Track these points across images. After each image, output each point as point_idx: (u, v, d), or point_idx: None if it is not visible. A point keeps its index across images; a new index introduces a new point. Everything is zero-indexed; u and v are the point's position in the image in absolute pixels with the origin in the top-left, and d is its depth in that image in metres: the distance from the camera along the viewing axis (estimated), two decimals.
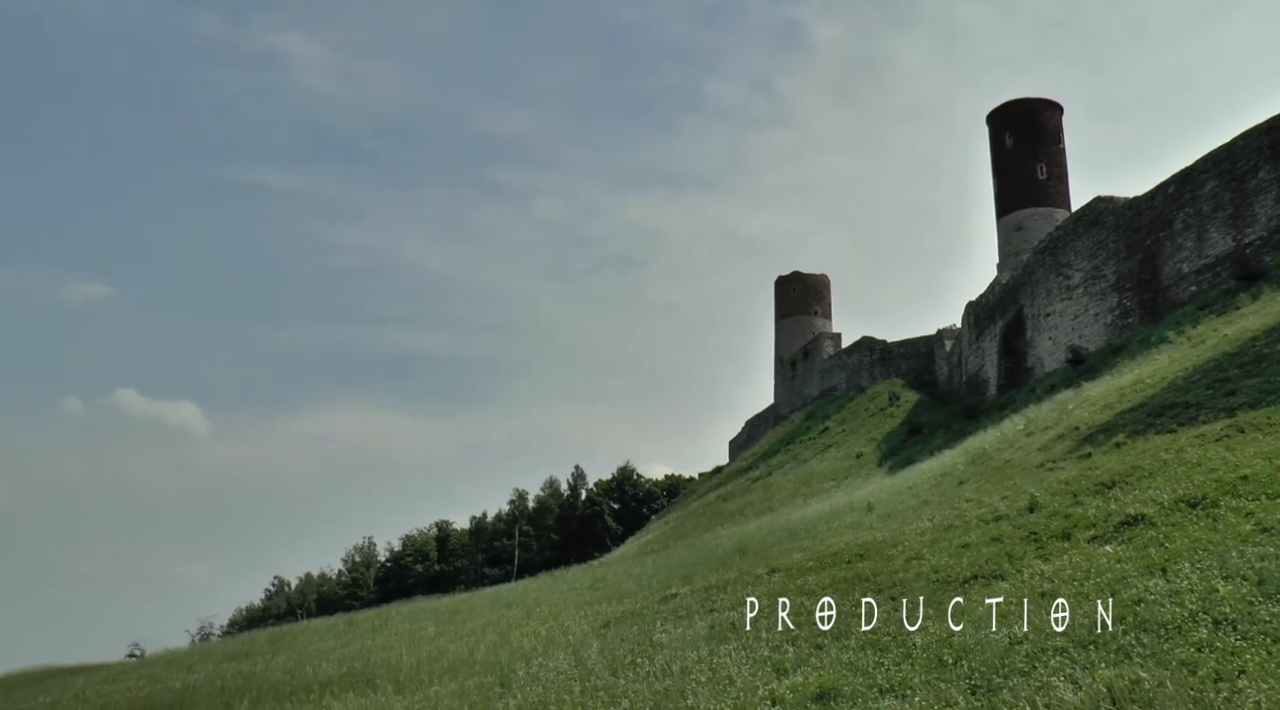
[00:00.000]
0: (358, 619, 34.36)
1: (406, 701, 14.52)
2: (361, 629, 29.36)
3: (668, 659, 13.96)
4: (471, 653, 18.50)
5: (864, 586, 16.18)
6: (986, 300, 54.17)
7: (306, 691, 17.56)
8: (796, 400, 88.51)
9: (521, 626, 21.56)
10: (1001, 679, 9.52)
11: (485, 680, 15.04)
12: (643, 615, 19.36)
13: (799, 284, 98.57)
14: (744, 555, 24.58)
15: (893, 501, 25.81)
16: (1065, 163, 69.16)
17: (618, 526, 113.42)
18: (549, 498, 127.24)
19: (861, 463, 53.38)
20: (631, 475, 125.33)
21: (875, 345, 77.73)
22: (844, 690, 10.47)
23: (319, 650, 24.90)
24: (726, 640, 14.70)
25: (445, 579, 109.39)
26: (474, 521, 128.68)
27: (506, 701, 12.97)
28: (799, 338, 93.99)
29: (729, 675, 12.27)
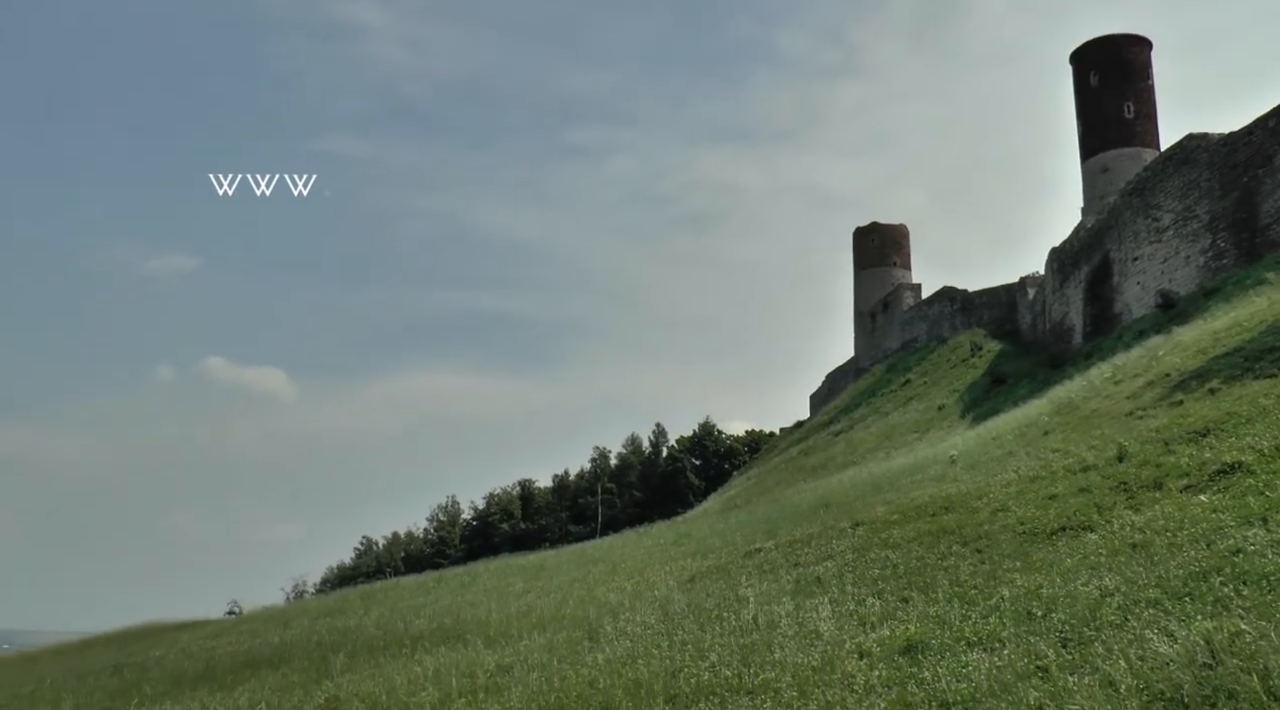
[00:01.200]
0: (446, 576, 35.11)
1: (497, 655, 14.84)
2: (450, 585, 30.01)
3: (754, 613, 14.05)
4: (559, 608, 18.81)
5: (949, 539, 16.08)
6: (1071, 246, 52.86)
7: (399, 646, 18.04)
8: (877, 353, 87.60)
9: (607, 582, 21.85)
10: (1093, 631, 9.42)
11: (574, 634, 15.30)
12: (728, 570, 19.49)
13: (877, 235, 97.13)
14: (827, 509, 24.55)
15: (977, 453, 25.51)
16: (1154, 100, 66.70)
17: (700, 483, 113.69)
18: (631, 455, 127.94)
19: (944, 415, 52.75)
20: (712, 431, 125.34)
21: (956, 295, 76.40)
22: (931, 643, 10.45)
23: (410, 606, 25.53)
24: (812, 594, 14.74)
25: (530, 536, 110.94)
26: (556, 479, 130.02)
27: (595, 655, 13.18)
28: (878, 290, 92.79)
29: (815, 629, 12.31)
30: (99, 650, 39.40)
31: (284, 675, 17.74)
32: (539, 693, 11.54)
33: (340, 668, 16.96)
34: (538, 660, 13.68)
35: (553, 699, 11.04)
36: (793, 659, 10.95)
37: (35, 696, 24.02)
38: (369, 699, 13.34)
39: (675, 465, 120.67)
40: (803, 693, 9.67)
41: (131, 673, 24.60)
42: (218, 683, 18.98)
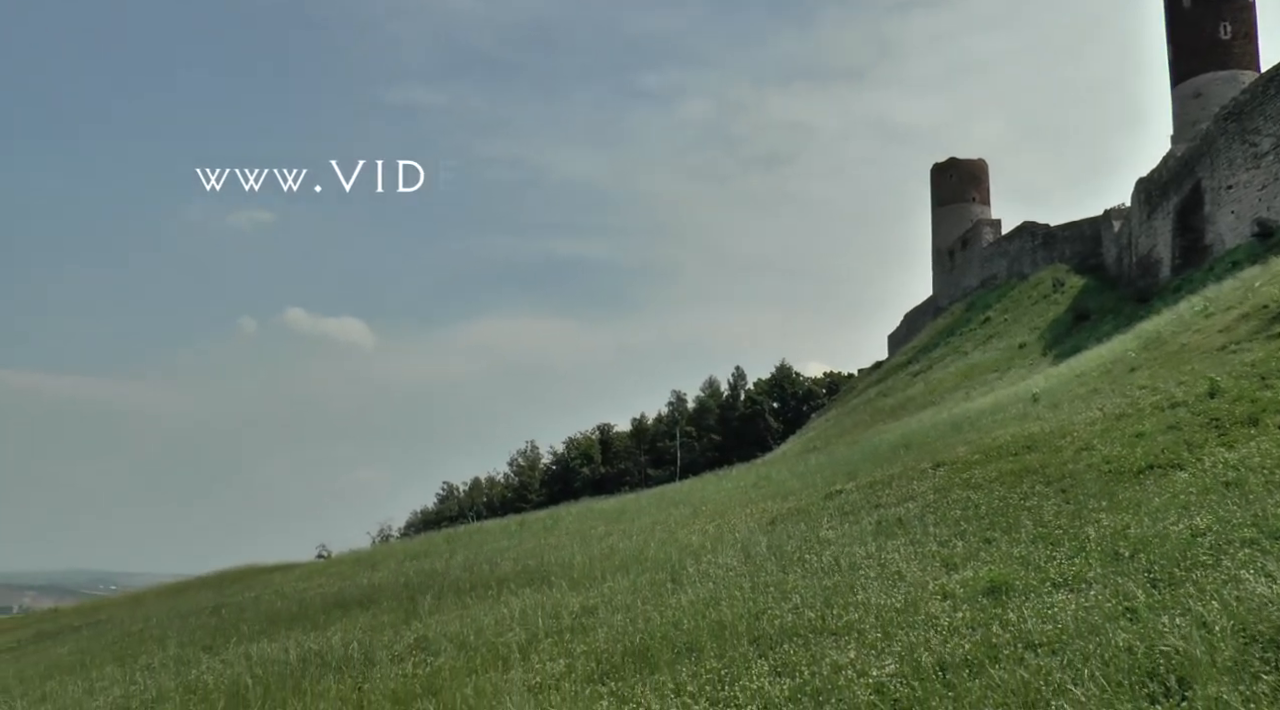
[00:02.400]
0: (529, 520, 35.68)
1: (581, 597, 15.09)
2: (533, 529, 30.48)
3: (835, 555, 14.07)
4: (641, 550, 19.02)
5: (1032, 479, 15.91)
6: (1159, 175, 51.20)
7: (485, 587, 18.42)
8: (956, 291, 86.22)
9: (688, 525, 22.02)
10: (1184, 572, 9.28)
11: (657, 576, 15.48)
12: (808, 512, 19.51)
13: (955, 171, 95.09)
14: (907, 450, 24.39)
15: (1059, 391, 25.10)
16: (1254, 19, 63.60)
17: (778, 425, 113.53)
18: (708, 399, 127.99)
19: (1025, 353, 51.88)
20: (790, 374, 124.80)
21: (1037, 230, 74.63)
22: (1015, 584, 10.39)
23: (494, 549, 26.02)
24: (893, 535, 14.71)
25: (610, 480, 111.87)
26: (635, 423, 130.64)
27: (679, 597, 13.34)
28: (957, 227, 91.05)
29: (898, 570, 12.31)
30: (197, 592, 40.96)
31: (374, 615, 18.25)
32: (624, 633, 11.73)
33: (428, 608, 17.39)
34: (622, 602, 13.89)
35: (638, 640, 11.22)
36: (876, 600, 10.97)
37: (143, 635, 25.11)
38: (457, 639, 13.68)
39: (754, 408, 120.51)
40: (887, 634, 9.70)
41: (229, 613, 25.53)
42: (310, 622, 19.60)
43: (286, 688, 12.88)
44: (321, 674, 13.33)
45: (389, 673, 12.59)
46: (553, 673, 10.79)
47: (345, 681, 12.57)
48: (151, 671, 17.26)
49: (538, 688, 10.34)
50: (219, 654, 17.62)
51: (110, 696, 15.34)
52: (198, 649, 19.19)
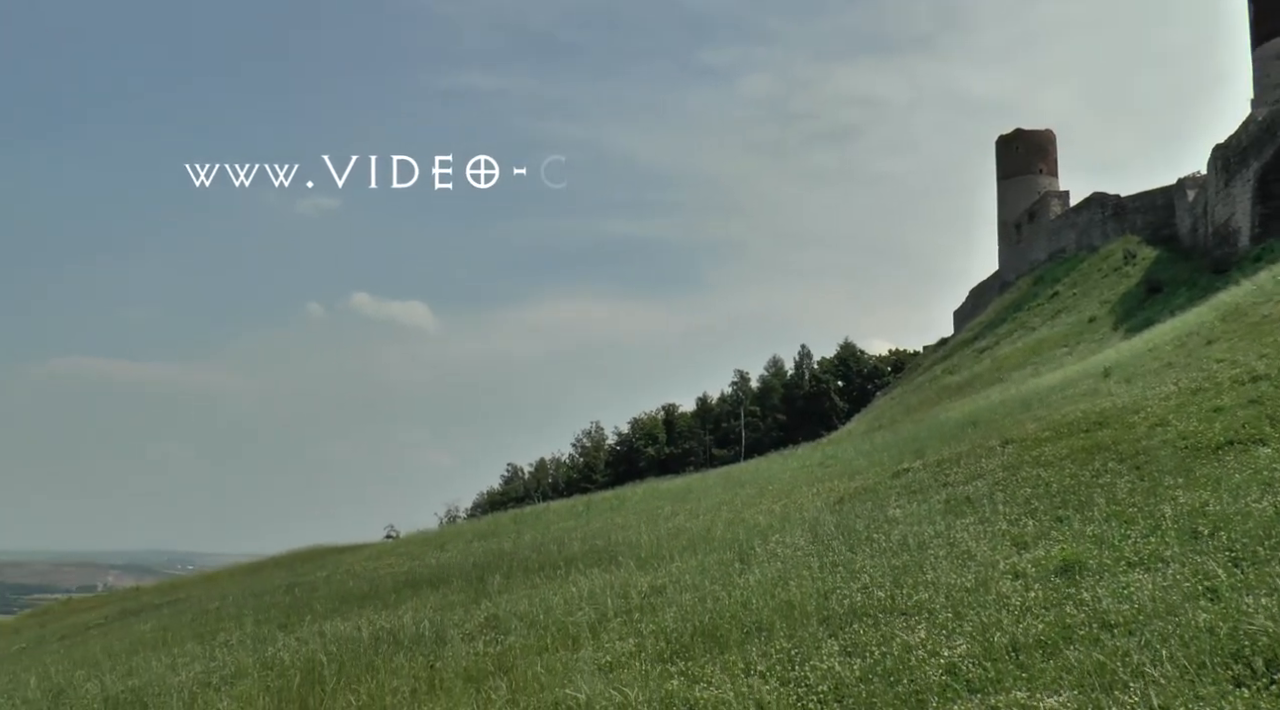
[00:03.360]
0: (595, 500, 35.84)
1: (650, 576, 15.14)
2: (599, 509, 30.64)
3: (904, 534, 13.97)
4: (709, 530, 19.04)
5: (1105, 456, 15.64)
6: (1238, 141, 49.75)
7: (553, 567, 18.56)
8: (1022, 265, 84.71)
9: (755, 504, 21.98)
10: (1269, 551, 9.07)
11: (724, 556, 15.49)
12: (876, 491, 19.39)
13: (1021, 142, 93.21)
14: (975, 428, 24.10)
15: (1132, 365, 24.61)
16: None
17: (843, 404, 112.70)
18: (773, 378, 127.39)
19: (1095, 327, 50.89)
20: (855, 352, 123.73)
21: (1107, 201, 72.95)
22: (1089, 564, 10.24)
23: (561, 529, 26.21)
24: (962, 514, 14.57)
25: (675, 460, 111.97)
26: (699, 403, 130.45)
27: (747, 576, 13.34)
28: (1023, 199, 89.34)
29: (967, 549, 12.18)
30: (270, 571, 41.81)
31: (444, 595, 18.48)
32: (693, 613, 11.77)
33: (497, 588, 17.57)
34: (690, 581, 13.93)
35: (706, 619, 11.25)
36: (945, 580, 10.88)
37: (220, 613, 25.71)
38: (527, 618, 13.82)
39: (819, 387, 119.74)
40: (957, 614, 9.62)
41: (302, 591, 26.03)
42: (382, 601, 19.91)
43: (360, 665, 13.11)
44: (394, 652, 13.55)
45: (460, 651, 12.76)
46: (623, 652, 10.86)
47: (417, 659, 12.77)
48: (230, 648, 17.68)
49: (608, 666, 10.42)
50: (294, 631, 17.97)
51: (192, 672, 15.74)
52: (273, 626, 19.59)
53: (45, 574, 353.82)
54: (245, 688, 13.39)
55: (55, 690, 16.58)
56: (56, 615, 47.78)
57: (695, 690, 8.92)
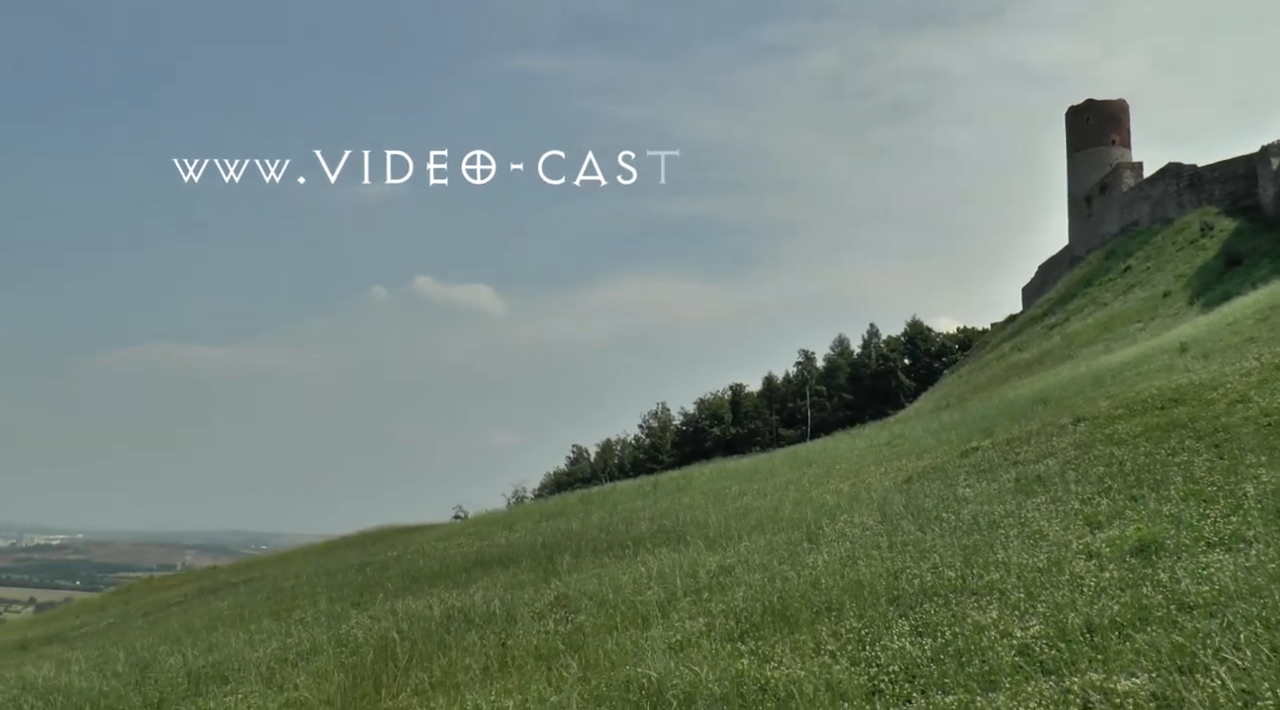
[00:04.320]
0: (662, 480, 35.90)
1: (718, 556, 15.18)
2: (666, 489, 30.70)
3: (974, 513, 13.85)
4: (776, 510, 19.01)
5: (1182, 433, 15.33)
6: None
7: (621, 547, 18.66)
8: (1094, 239, 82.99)
9: (822, 484, 21.90)
10: None
11: (793, 536, 15.46)
12: (944, 470, 19.21)
13: (1093, 113, 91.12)
14: (1045, 405, 23.76)
15: (1210, 340, 24.06)
16: None
17: (910, 382, 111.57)
18: (838, 357, 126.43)
19: (1170, 301, 49.78)
20: (922, 330, 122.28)
21: (1183, 171, 71.06)
22: (1166, 544, 10.07)
23: (628, 509, 26.32)
24: (1034, 493, 14.39)
25: (741, 440, 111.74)
26: (765, 382, 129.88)
27: (815, 556, 13.32)
28: (1095, 172, 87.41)
29: (1039, 529, 12.05)
30: (342, 551, 42.56)
31: (514, 574, 18.69)
32: (762, 592, 11.78)
33: (566, 567, 17.72)
34: (758, 561, 13.94)
35: (775, 599, 11.26)
36: (1017, 560, 10.78)
37: (295, 591, 26.26)
38: (596, 597, 13.93)
39: (885, 366, 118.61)
40: (1030, 594, 9.52)
41: (373, 570, 26.46)
42: (452, 580, 20.17)
43: (432, 642, 13.33)
44: (465, 630, 13.75)
45: (531, 629, 12.91)
46: (692, 631, 10.92)
47: (489, 637, 12.95)
48: (305, 625, 18.06)
49: (678, 645, 10.48)
50: (366, 609, 18.29)
51: (269, 648, 16.12)
52: (347, 605, 19.96)
53: (127, 553, 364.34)
54: (320, 664, 13.69)
55: (142, 664, 17.09)
56: (139, 593, 49.11)
57: (766, 669, 8.95)
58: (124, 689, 14.81)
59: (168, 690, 14.20)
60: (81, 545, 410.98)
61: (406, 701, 10.88)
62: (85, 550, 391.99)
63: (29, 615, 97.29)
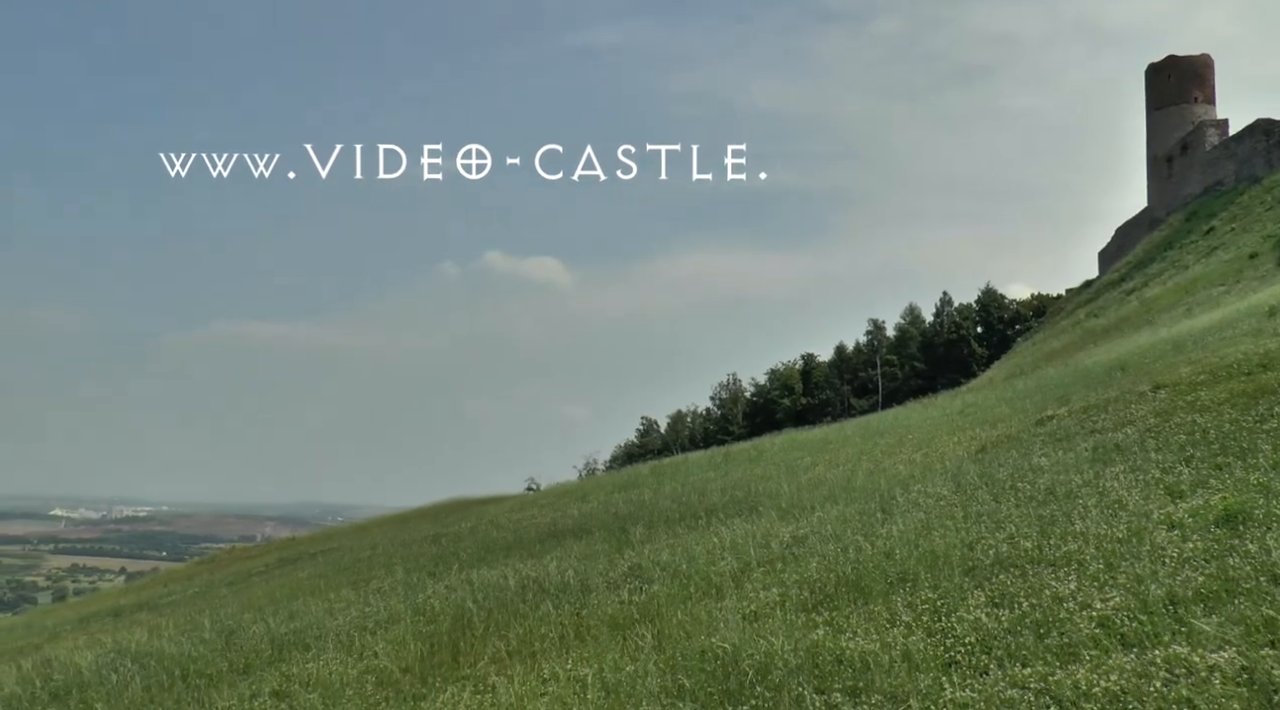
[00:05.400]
0: (733, 451, 35.88)
1: (791, 526, 15.16)
2: (738, 460, 30.68)
3: (1050, 482, 13.64)
4: (849, 480, 18.91)
5: (1270, 400, 14.91)
6: None
7: (694, 518, 18.71)
8: (1174, 200, 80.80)
9: (895, 454, 21.73)
10: None
11: (866, 506, 15.37)
12: (1019, 439, 18.94)
13: (1174, 69, 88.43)
14: (1123, 372, 23.28)
15: None
16: None
17: (983, 351, 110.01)
18: (909, 326, 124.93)
19: (1256, 264, 48.30)
20: (995, 297, 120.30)
21: (1273, 127, 68.67)
22: (1254, 514, 9.83)
23: (700, 480, 26.36)
24: (1112, 462, 14.12)
25: (812, 411, 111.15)
26: (836, 352, 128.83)
27: (889, 526, 13.24)
28: (1176, 130, 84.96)
29: (1118, 499, 11.82)
30: (416, 522, 43.27)
31: (587, 545, 18.84)
32: (835, 563, 11.75)
33: (639, 538, 17.83)
34: (832, 531, 13.89)
35: (849, 570, 11.22)
36: (1095, 530, 10.60)
37: (372, 561, 26.81)
38: (669, 568, 14.01)
39: (957, 334, 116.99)
40: (1109, 565, 9.38)
41: (448, 542, 26.89)
42: (526, 551, 20.42)
43: (508, 612, 13.52)
44: (540, 600, 13.92)
45: (605, 600, 13.03)
46: (767, 601, 10.94)
47: (564, 607, 13.10)
48: (382, 594, 18.43)
49: (752, 616, 10.51)
50: (442, 579, 18.59)
51: (348, 616, 16.49)
52: (423, 574, 20.30)
53: (209, 525, 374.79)
54: (399, 632, 13.97)
55: (227, 631, 17.59)
56: (223, 563, 50.49)
57: (841, 640, 8.95)
58: (212, 654, 15.27)
59: (252, 656, 14.62)
60: (166, 517, 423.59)
61: (484, 670, 11.06)
62: (170, 522, 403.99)
63: (120, 584, 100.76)
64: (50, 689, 15.21)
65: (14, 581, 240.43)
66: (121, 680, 14.49)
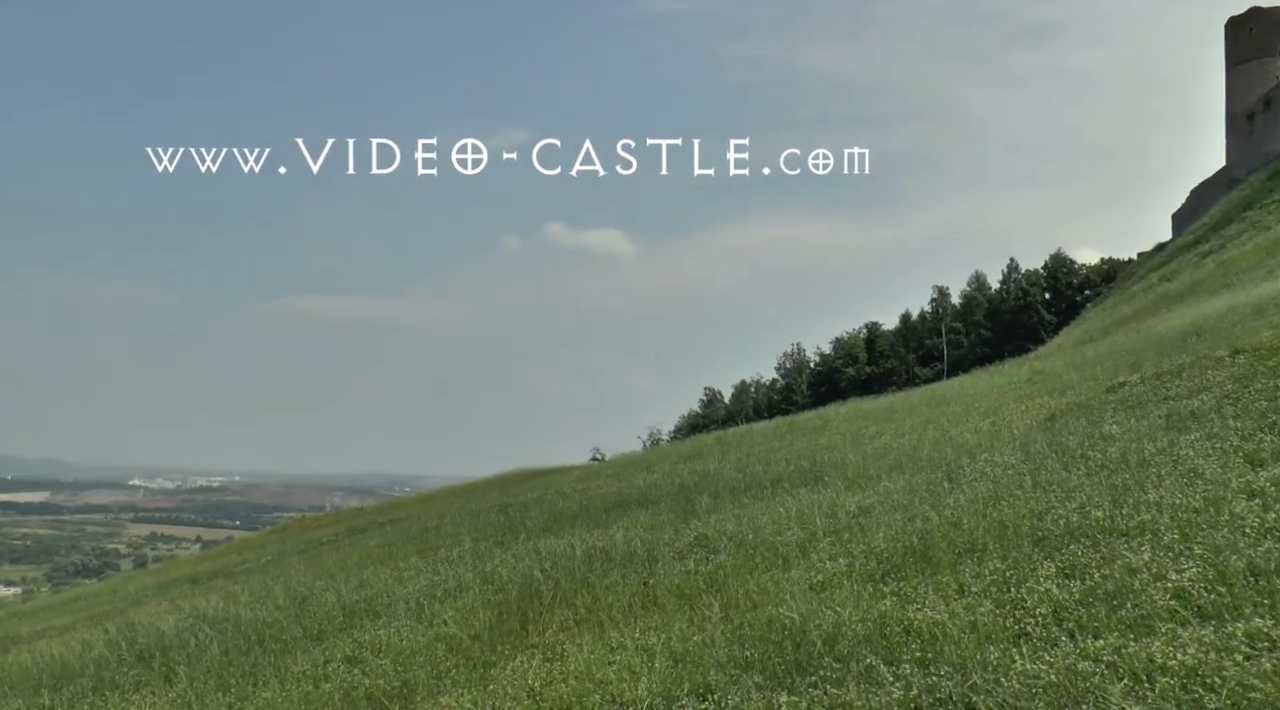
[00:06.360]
0: (798, 421, 35.77)
1: (857, 496, 15.08)
2: (802, 430, 30.58)
3: (1122, 451, 13.39)
4: (915, 449, 18.75)
5: None
6: None
7: (759, 488, 18.70)
8: (1255, 159, 78.47)
9: (962, 423, 21.48)
10: None
11: (933, 476, 15.23)
12: (1089, 407, 18.62)
13: (1257, 21, 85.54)
14: (1199, 337, 22.74)
15: None
16: None
17: (1051, 317, 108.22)
18: (975, 293, 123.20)
19: None
20: (1064, 263, 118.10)
21: None
22: None
23: (765, 450, 26.33)
24: (1187, 430, 13.81)
25: (877, 380, 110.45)
26: (902, 321, 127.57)
27: (956, 496, 13.11)
28: (1258, 86, 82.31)
29: (1194, 467, 11.56)
30: (483, 492, 43.81)
31: (653, 514, 18.92)
32: (902, 533, 11.67)
33: (705, 508, 17.86)
34: (898, 501, 13.80)
35: (916, 540, 11.14)
36: (1170, 499, 10.38)
37: (439, 531, 27.20)
38: (735, 538, 14.02)
39: (1025, 300, 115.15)
40: (1185, 535, 9.18)
41: (514, 511, 27.18)
42: (593, 521, 20.56)
43: (575, 581, 13.64)
44: (607, 569, 14.02)
45: (672, 569, 13.09)
46: (833, 572, 10.90)
47: (630, 577, 13.18)
48: (451, 563, 18.70)
49: (819, 586, 10.48)
50: (510, 548, 18.81)
51: (417, 584, 16.76)
52: (490, 544, 20.56)
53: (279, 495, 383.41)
54: (467, 600, 14.18)
55: (300, 597, 18.00)
56: (294, 532, 51.60)
57: (909, 611, 8.89)
58: (286, 620, 15.63)
59: (325, 622, 14.95)
60: (239, 487, 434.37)
61: (553, 638, 11.19)
62: (242, 491, 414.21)
63: (196, 552, 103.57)
64: (135, 651, 15.71)
65: (98, 548, 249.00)
66: (201, 644, 14.93)
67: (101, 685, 13.74)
